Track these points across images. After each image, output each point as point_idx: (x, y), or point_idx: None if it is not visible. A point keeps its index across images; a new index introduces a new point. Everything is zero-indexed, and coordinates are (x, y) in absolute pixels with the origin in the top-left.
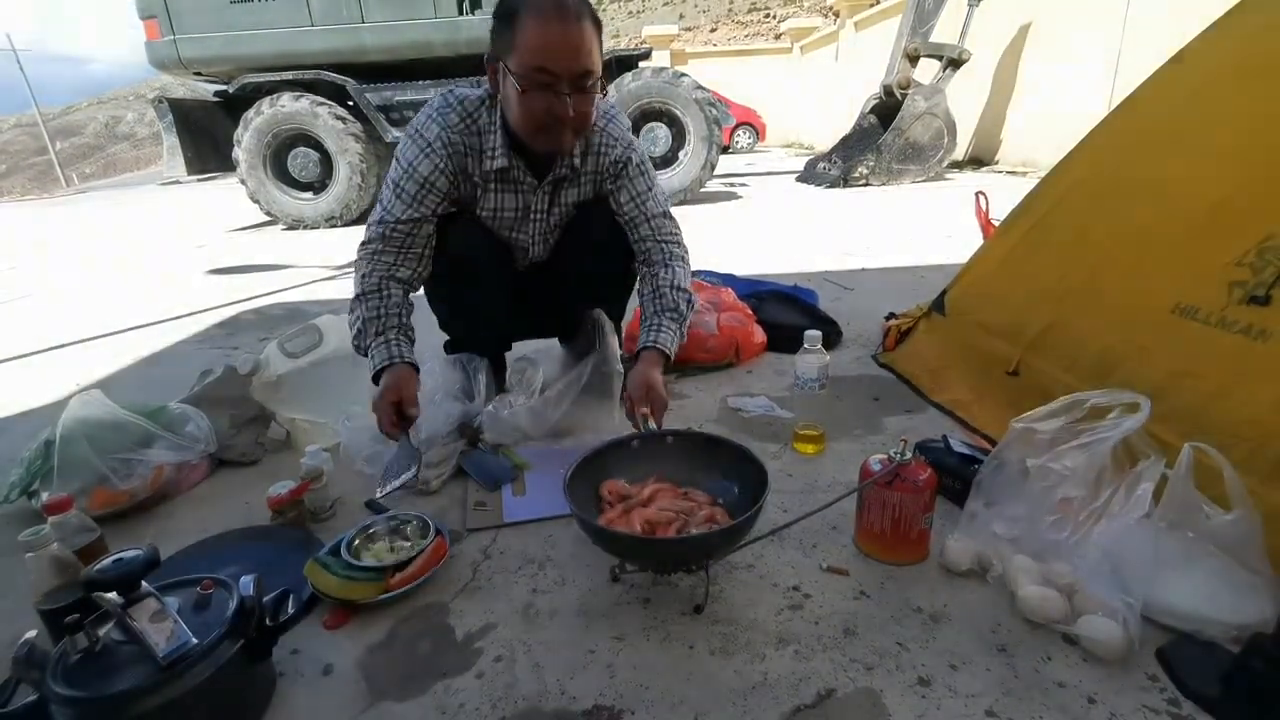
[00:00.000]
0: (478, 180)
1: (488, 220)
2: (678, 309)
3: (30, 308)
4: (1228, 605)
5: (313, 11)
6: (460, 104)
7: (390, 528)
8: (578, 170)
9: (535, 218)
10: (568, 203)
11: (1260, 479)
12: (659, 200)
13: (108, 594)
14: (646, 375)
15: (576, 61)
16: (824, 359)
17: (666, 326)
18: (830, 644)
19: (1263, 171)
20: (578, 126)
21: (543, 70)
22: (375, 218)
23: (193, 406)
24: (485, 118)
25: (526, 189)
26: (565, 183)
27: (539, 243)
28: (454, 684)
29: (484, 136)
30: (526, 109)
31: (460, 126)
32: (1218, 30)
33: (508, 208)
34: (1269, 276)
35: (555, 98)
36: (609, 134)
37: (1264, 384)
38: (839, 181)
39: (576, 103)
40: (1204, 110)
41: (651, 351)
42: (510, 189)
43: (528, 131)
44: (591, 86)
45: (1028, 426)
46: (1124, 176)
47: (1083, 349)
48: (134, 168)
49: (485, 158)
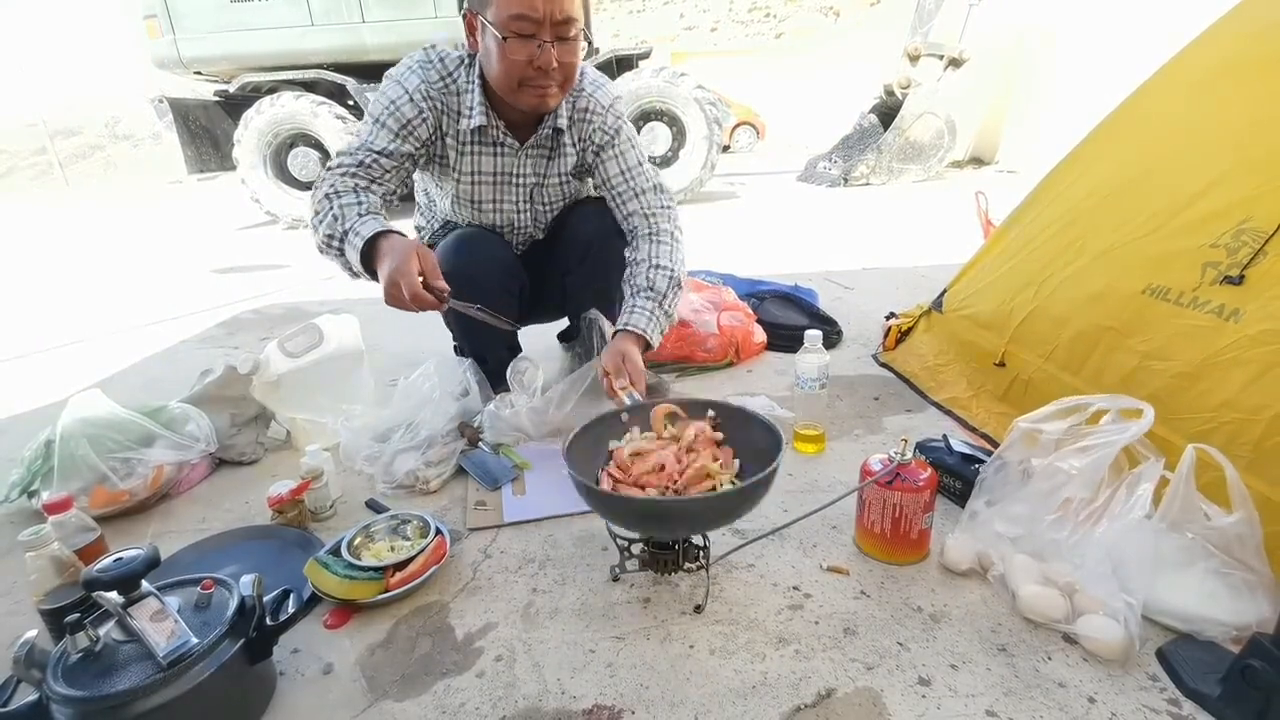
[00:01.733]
0: (452, 142)
1: (466, 188)
2: (653, 287)
3: (30, 308)
4: (1228, 605)
5: (313, 11)
6: (441, 61)
7: (390, 527)
8: (561, 133)
9: (518, 182)
10: (555, 173)
11: (1243, 467)
12: (648, 174)
13: (108, 594)
14: (619, 348)
15: (557, 7)
16: (824, 359)
17: (641, 307)
18: (830, 644)
19: (1248, 161)
20: (562, 79)
21: (522, 18)
22: (351, 145)
23: (193, 406)
24: (464, 78)
25: (507, 151)
26: (550, 148)
27: (525, 212)
28: (454, 684)
29: (461, 97)
30: (507, 60)
31: (440, 85)
32: (1217, 30)
33: (485, 170)
34: (1243, 257)
35: (536, 47)
36: (596, 100)
37: (1236, 365)
38: (839, 181)
39: (560, 52)
40: (1200, 107)
41: (625, 333)
42: (489, 151)
43: (509, 87)
44: (574, 36)
45: (1032, 427)
46: (1119, 174)
47: (1059, 335)
48: (134, 168)
49: (462, 117)
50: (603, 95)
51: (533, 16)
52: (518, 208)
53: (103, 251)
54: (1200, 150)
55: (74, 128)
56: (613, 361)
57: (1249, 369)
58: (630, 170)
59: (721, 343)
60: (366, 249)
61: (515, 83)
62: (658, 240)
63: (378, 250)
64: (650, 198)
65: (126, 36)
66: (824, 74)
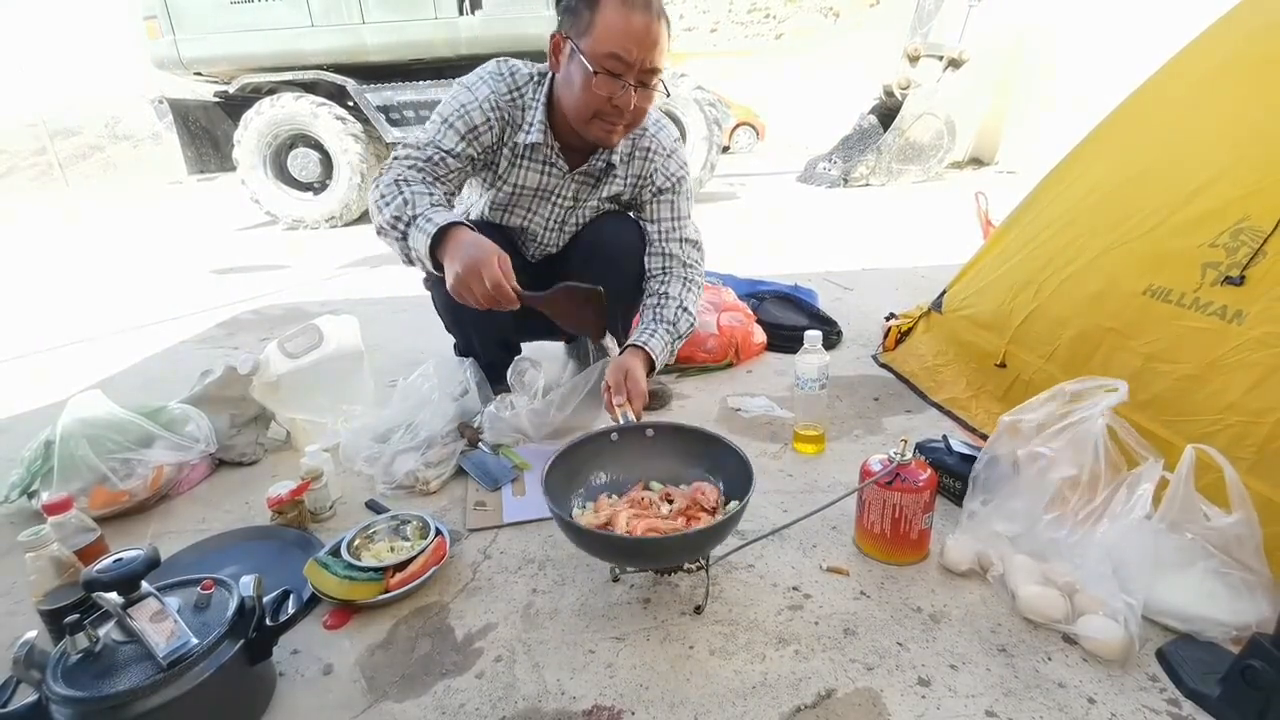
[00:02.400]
0: (507, 153)
1: (504, 196)
2: (676, 325)
3: (30, 308)
4: (1227, 605)
5: (313, 11)
6: (511, 74)
7: (390, 528)
8: (614, 166)
9: (556, 201)
10: (595, 198)
11: (1246, 469)
12: (694, 226)
13: (108, 594)
14: (626, 364)
15: (651, 56)
16: (824, 359)
17: (660, 334)
18: (830, 644)
19: (1246, 159)
20: (631, 122)
21: (616, 58)
22: (419, 140)
23: (193, 406)
24: (530, 93)
25: (554, 172)
26: (597, 177)
27: (553, 229)
28: (454, 684)
29: (525, 111)
30: (589, 93)
31: (507, 97)
32: (1217, 30)
33: (529, 185)
34: (1243, 257)
35: (620, 88)
36: (659, 141)
37: (1241, 368)
38: (839, 181)
39: (639, 97)
40: (1199, 106)
41: (637, 349)
42: (538, 167)
43: (582, 117)
44: (654, 85)
45: (1015, 419)
46: (1119, 173)
47: (1060, 335)
48: (134, 168)
49: (521, 130)
50: (665, 137)
51: (626, 59)
52: (547, 225)
53: (103, 252)
54: (1198, 149)
55: (74, 128)
56: (615, 376)
57: (1253, 372)
58: (681, 219)
59: (721, 343)
60: (439, 236)
61: (590, 114)
62: (689, 286)
63: (452, 240)
64: (690, 249)
65: (126, 37)
66: (824, 74)
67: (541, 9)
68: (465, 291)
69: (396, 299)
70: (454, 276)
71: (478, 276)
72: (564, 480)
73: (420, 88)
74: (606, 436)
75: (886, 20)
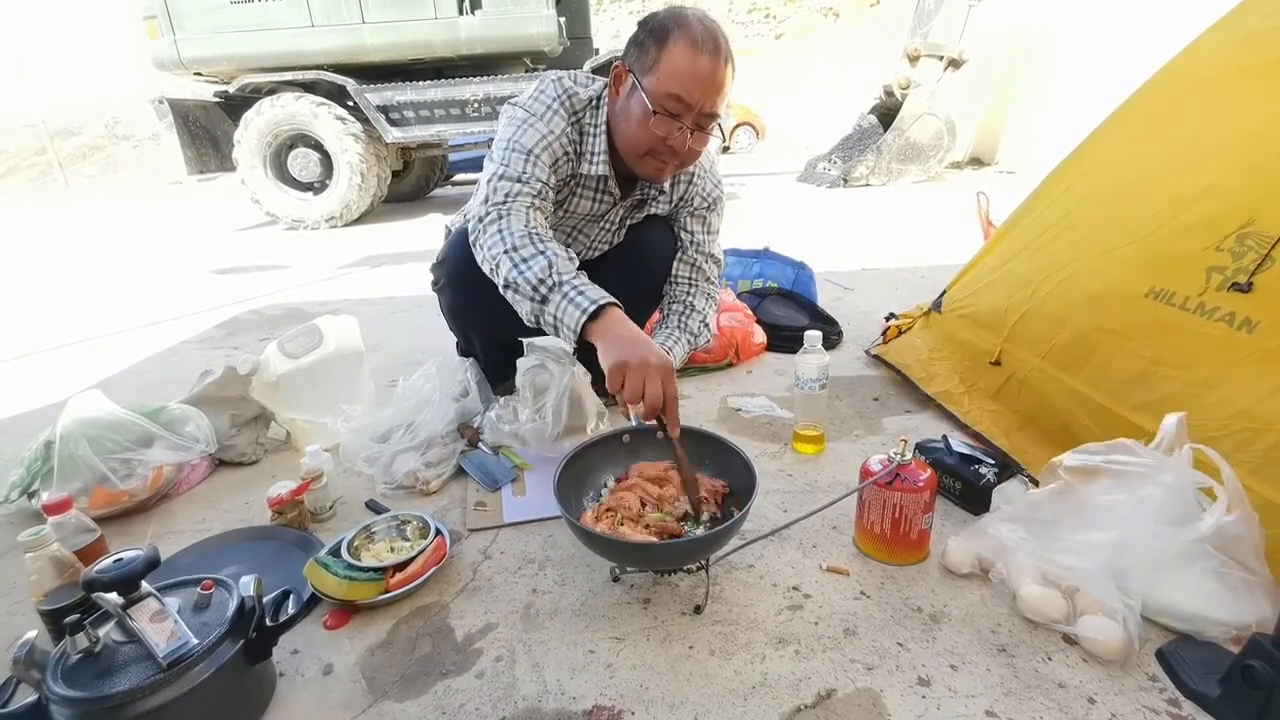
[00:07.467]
0: (570, 181)
1: (556, 221)
2: (696, 337)
3: (30, 308)
4: (1227, 605)
5: (313, 11)
6: (570, 98)
7: (390, 528)
8: (662, 194)
9: (604, 225)
10: (635, 218)
11: (1249, 471)
12: (720, 246)
13: (108, 594)
14: None
15: (713, 101)
16: (824, 359)
17: (681, 342)
18: (830, 644)
19: (1249, 163)
20: (682, 163)
21: (678, 99)
22: (513, 172)
23: (193, 406)
24: (589, 119)
25: (607, 200)
26: (642, 200)
27: (598, 248)
28: (454, 684)
29: (585, 139)
30: (646, 130)
31: (576, 126)
32: (1217, 30)
33: (584, 212)
34: (1250, 263)
35: (677, 129)
36: (701, 165)
37: (1255, 378)
38: (839, 181)
39: (694, 140)
40: (1199, 107)
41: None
42: (592, 195)
43: (635, 152)
44: (710, 129)
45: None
46: (1120, 174)
47: (1055, 335)
48: (134, 168)
49: (585, 160)
50: (706, 160)
51: (687, 100)
52: (591, 245)
53: (103, 252)
54: (1200, 151)
55: (74, 128)
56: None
57: (1268, 383)
58: (712, 233)
59: (721, 343)
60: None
61: (643, 150)
62: (710, 302)
63: (611, 320)
64: (712, 266)
65: (126, 37)
66: (824, 74)
67: (541, 9)
68: (620, 383)
69: (396, 299)
70: (620, 366)
71: (653, 381)
72: (575, 481)
73: (420, 88)
74: (618, 438)
75: (886, 20)
